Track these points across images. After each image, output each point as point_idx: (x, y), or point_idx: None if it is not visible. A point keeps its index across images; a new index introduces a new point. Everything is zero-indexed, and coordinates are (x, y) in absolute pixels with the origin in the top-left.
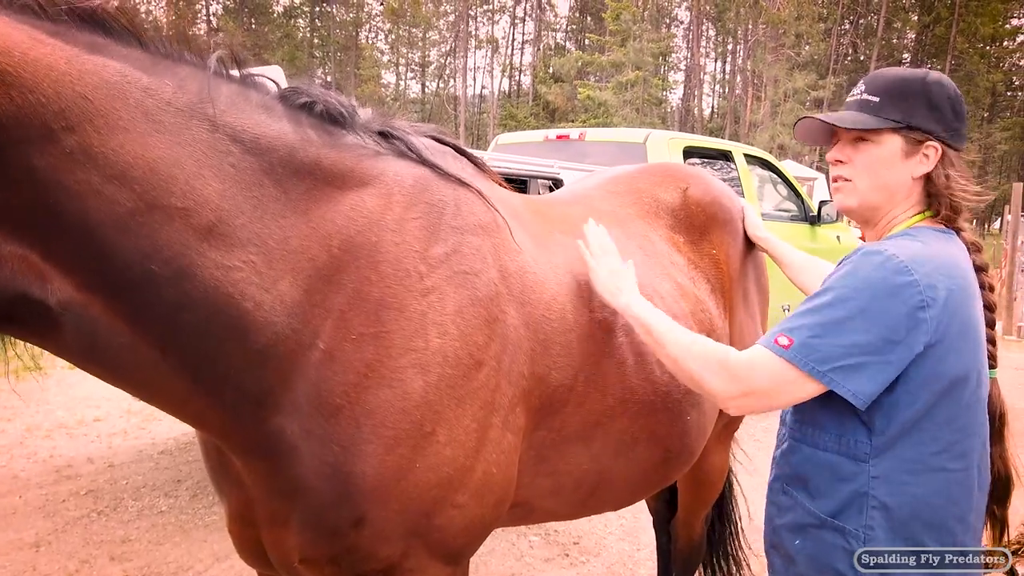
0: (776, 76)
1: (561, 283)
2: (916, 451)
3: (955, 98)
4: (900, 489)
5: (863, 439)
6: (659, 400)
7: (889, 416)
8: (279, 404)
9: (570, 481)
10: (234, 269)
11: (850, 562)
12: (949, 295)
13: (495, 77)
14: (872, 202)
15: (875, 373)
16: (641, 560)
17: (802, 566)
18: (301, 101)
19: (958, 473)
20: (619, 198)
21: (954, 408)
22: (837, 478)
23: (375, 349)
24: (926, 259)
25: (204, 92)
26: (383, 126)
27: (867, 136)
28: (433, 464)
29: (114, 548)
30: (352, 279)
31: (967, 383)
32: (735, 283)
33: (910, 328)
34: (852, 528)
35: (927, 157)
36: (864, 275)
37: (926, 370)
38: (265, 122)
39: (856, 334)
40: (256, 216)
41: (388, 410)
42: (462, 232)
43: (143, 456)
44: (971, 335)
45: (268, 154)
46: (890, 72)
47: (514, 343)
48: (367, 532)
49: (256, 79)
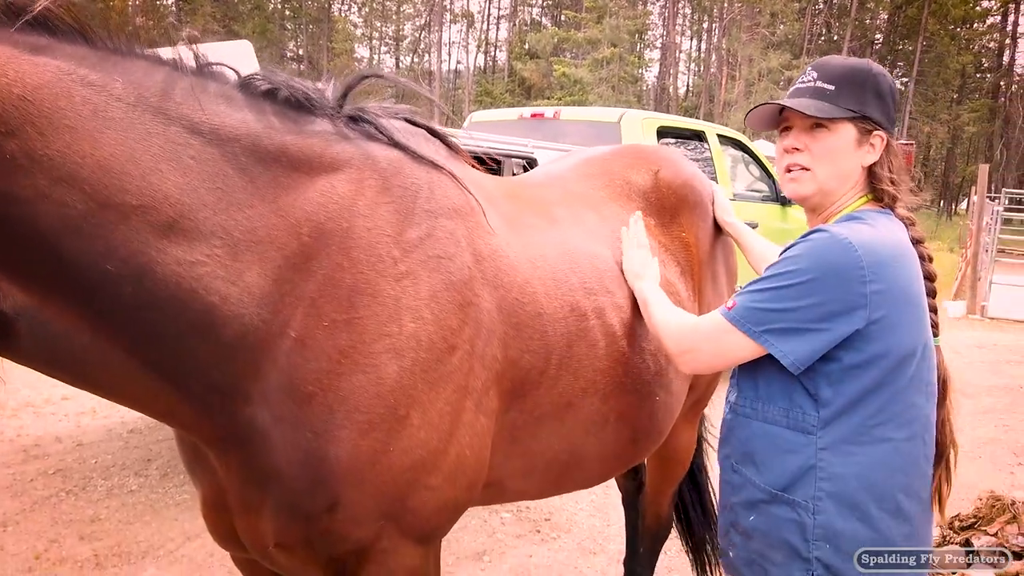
0: (751, 55)
1: (534, 266)
2: (862, 423)
3: (894, 88)
4: (846, 460)
5: (810, 411)
6: (629, 382)
7: (836, 389)
8: (250, 394)
9: (542, 462)
10: (197, 264)
11: (803, 535)
12: (892, 272)
13: (470, 52)
14: (827, 189)
15: (811, 339)
16: (611, 536)
17: (757, 542)
18: (264, 88)
19: (902, 443)
20: (592, 180)
21: (900, 381)
22: (785, 451)
23: (348, 335)
24: (871, 238)
25: (158, 86)
26: (353, 110)
27: (824, 124)
28: (407, 447)
29: (83, 527)
30: (324, 266)
31: (913, 357)
32: (704, 265)
33: (851, 303)
34: (801, 500)
35: (874, 146)
36: (811, 252)
37: (872, 346)
38: (225, 112)
39: (795, 302)
40: (220, 208)
41: (362, 395)
42: (435, 216)
43: (112, 435)
44: (914, 308)
45: (230, 144)
46: (839, 60)
47: (487, 327)
48: (341, 515)
49: (215, 69)
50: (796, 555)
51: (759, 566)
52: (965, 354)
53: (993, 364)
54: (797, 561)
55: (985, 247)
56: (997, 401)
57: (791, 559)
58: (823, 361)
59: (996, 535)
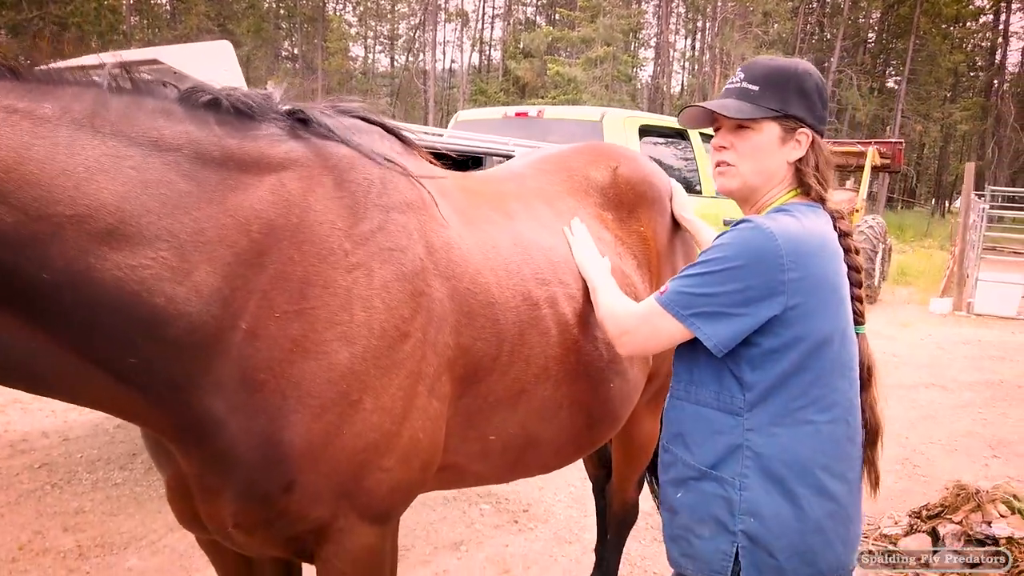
0: (743, 54)
1: (487, 257)
2: (785, 405)
3: (821, 86)
4: (770, 440)
5: (738, 394)
6: (581, 369)
7: (760, 373)
8: (202, 385)
9: (498, 445)
10: (140, 267)
11: (729, 510)
12: (812, 262)
13: (465, 51)
14: (752, 184)
15: (733, 323)
16: (588, 526)
17: (684, 517)
18: (205, 100)
19: (824, 425)
20: (550, 176)
21: (820, 366)
22: (715, 432)
23: (300, 325)
24: (793, 230)
25: (87, 106)
26: (302, 111)
27: (748, 124)
28: (360, 430)
29: (67, 519)
30: (275, 260)
31: (831, 343)
32: (662, 258)
33: (771, 289)
34: (729, 477)
35: (799, 143)
36: (737, 241)
37: (791, 330)
38: (165, 125)
39: (720, 287)
40: (164, 213)
41: (314, 381)
42: (387, 210)
43: (98, 430)
44: (835, 297)
45: (172, 153)
46: (766, 61)
47: (439, 315)
48: (297, 495)
49: (154, 87)
50: (723, 528)
51: (684, 540)
52: (949, 350)
53: (975, 360)
54: (724, 534)
55: (971, 245)
56: (977, 396)
57: (718, 532)
58: (745, 346)
59: (961, 523)
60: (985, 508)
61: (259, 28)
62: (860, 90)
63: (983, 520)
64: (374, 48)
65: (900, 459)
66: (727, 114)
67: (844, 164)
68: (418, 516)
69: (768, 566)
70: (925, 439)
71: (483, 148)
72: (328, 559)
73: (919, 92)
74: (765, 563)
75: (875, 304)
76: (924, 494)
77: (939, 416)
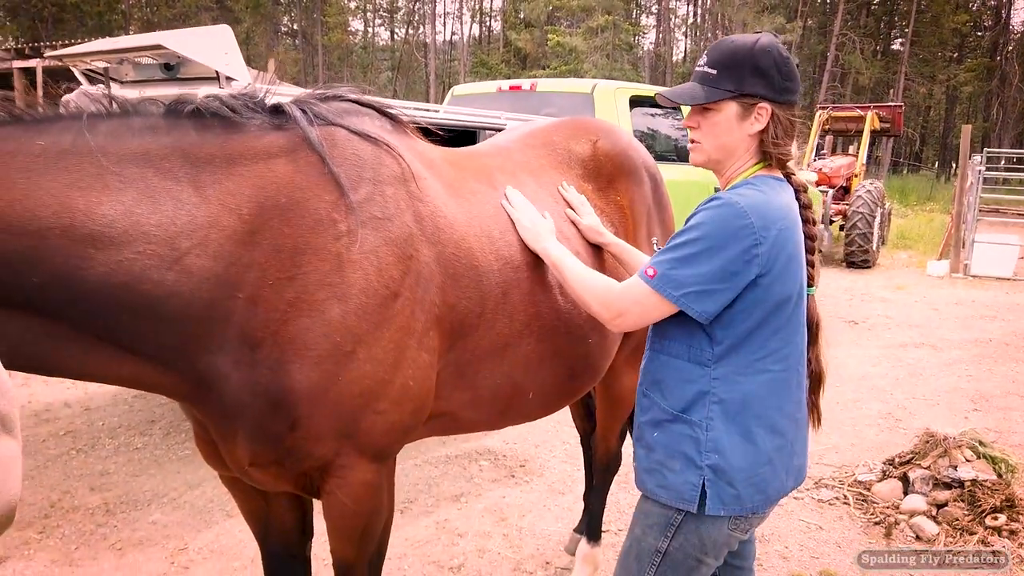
0: (744, 19)
1: (471, 225)
2: (747, 357)
3: (781, 60)
4: (733, 387)
5: (707, 348)
6: (562, 325)
7: (727, 330)
8: (207, 347)
9: (487, 394)
10: (126, 261)
11: (697, 448)
12: (778, 234)
13: (465, 23)
14: (716, 158)
15: (717, 297)
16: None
17: (659, 453)
18: (188, 110)
19: (779, 373)
20: (534, 150)
21: (778, 322)
22: (685, 380)
23: (293, 288)
24: (762, 205)
25: (71, 136)
26: (281, 105)
27: (708, 104)
28: (355, 377)
29: (93, 480)
30: (268, 236)
31: (789, 302)
32: (639, 226)
33: (746, 262)
34: (696, 420)
35: (759, 117)
36: (712, 219)
37: (758, 294)
38: (151, 139)
39: (703, 266)
40: (153, 210)
41: (309, 335)
42: (376, 183)
43: (118, 400)
44: (795, 264)
45: (160, 162)
46: (725, 43)
47: (427, 277)
48: (302, 434)
49: (140, 106)
50: (692, 464)
51: (659, 473)
52: (942, 310)
53: (966, 320)
54: (692, 468)
55: (970, 206)
56: (965, 353)
57: (687, 467)
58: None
59: (929, 467)
60: (952, 454)
61: (257, 4)
62: (863, 54)
63: (950, 464)
64: (373, 22)
65: (884, 414)
66: (681, 102)
67: (844, 129)
68: (420, 472)
69: (728, 494)
70: (909, 395)
71: (476, 123)
72: (332, 491)
73: (923, 54)
74: (725, 491)
75: (873, 268)
76: (902, 445)
77: (925, 373)
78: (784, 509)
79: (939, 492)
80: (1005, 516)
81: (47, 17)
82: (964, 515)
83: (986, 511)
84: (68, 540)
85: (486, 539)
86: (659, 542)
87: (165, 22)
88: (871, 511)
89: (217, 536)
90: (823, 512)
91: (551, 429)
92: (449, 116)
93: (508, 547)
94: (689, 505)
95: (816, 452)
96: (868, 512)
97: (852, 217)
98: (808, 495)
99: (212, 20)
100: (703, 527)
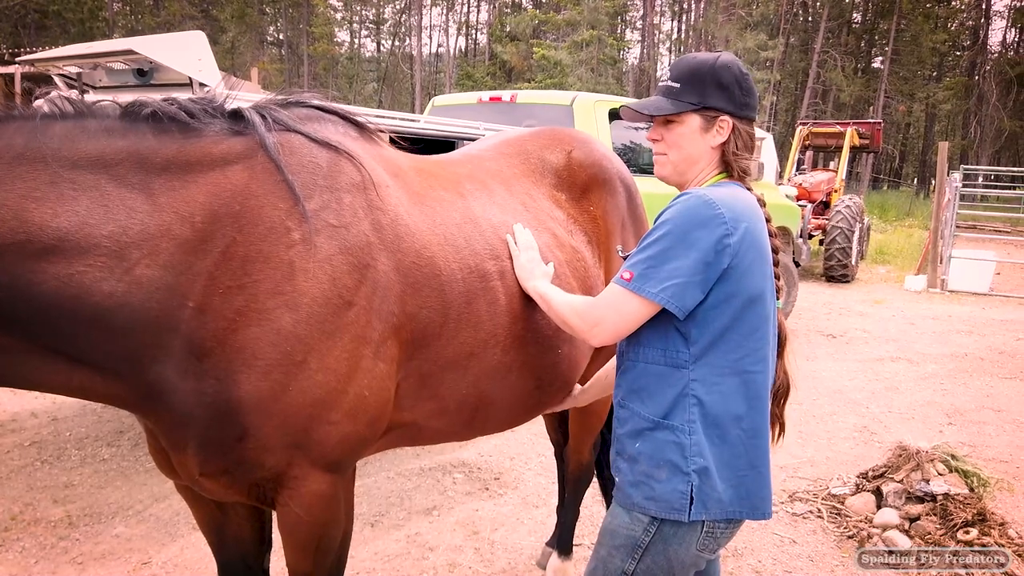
0: (727, 36)
1: (435, 233)
2: (725, 357)
3: (740, 77)
4: (713, 388)
5: (683, 348)
6: (530, 336)
7: (702, 328)
8: (156, 357)
9: (452, 404)
10: (76, 274)
11: (682, 453)
12: (747, 227)
13: (451, 35)
14: (681, 169)
15: (693, 289)
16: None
17: (644, 464)
18: (146, 112)
19: (758, 375)
20: (507, 159)
21: (754, 320)
22: (664, 384)
23: (243, 297)
24: (729, 199)
25: (22, 141)
26: (240, 110)
27: (672, 117)
28: (305, 387)
29: (57, 492)
30: (219, 244)
31: (763, 299)
32: (612, 237)
33: (718, 251)
34: (679, 424)
35: (721, 129)
36: (682, 211)
37: (728, 287)
38: (106, 142)
39: (680, 260)
40: (105, 220)
41: (259, 344)
42: (333, 191)
43: (86, 410)
44: (762, 264)
45: (115, 167)
46: (688, 59)
47: (384, 286)
48: (251, 445)
49: (96, 108)
50: (678, 470)
51: (646, 485)
52: (920, 325)
53: (943, 334)
54: (679, 475)
55: (947, 223)
56: (940, 368)
57: (674, 474)
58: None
59: (902, 481)
60: (924, 467)
61: (243, 14)
62: (844, 71)
63: (923, 478)
64: (360, 33)
65: (859, 427)
66: (647, 112)
67: (824, 144)
68: (393, 485)
69: (712, 499)
70: (885, 408)
71: (454, 133)
72: (285, 503)
73: (903, 72)
74: (710, 497)
75: (852, 282)
76: (877, 459)
77: (901, 387)
78: (758, 523)
79: (912, 506)
80: (977, 530)
81: (29, 24)
82: (936, 529)
83: (958, 525)
84: (28, 554)
85: (457, 553)
86: (626, 564)
87: (149, 30)
88: (845, 525)
89: (182, 550)
90: (797, 526)
91: (527, 441)
92: (428, 126)
93: (479, 561)
94: (680, 515)
95: (791, 465)
96: (841, 526)
97: (832, 232)
98: (782, 508)
99: (197, 28)
100: (671, 548)
